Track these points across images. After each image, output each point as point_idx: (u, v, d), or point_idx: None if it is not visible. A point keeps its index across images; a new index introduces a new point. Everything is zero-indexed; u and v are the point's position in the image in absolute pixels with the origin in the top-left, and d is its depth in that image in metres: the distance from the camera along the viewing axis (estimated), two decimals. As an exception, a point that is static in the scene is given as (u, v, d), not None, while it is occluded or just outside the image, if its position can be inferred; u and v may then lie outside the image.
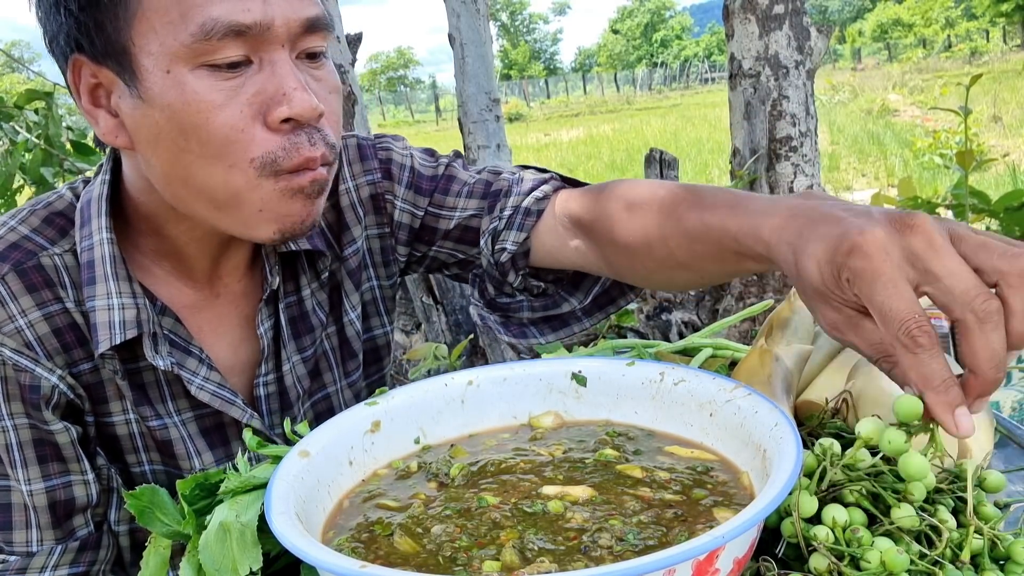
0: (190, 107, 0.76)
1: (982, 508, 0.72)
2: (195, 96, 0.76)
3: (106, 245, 0.87)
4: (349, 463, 0.79)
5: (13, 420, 0.85)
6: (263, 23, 0.76)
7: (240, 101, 0.77)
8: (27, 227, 0.89)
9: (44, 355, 0.86)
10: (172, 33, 0.75)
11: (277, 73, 0.77)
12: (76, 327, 0.88)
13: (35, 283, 0.86)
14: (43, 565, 0.88)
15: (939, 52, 35.28)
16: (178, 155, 0.79)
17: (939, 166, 8.02)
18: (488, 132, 5.05)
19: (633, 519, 0.66)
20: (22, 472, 0.86)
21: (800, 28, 4.15)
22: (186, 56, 0.75)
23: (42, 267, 0.87)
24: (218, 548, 0.69)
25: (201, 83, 0.76)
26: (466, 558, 0.63)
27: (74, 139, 3.34)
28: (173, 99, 0.76)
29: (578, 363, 0.89)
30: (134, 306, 0.87)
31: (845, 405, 0.86)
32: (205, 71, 0.76)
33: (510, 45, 78.50)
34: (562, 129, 20.05)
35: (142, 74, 0.77)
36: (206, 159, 0.78)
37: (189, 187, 0.81)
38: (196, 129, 0.77)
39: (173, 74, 0.76)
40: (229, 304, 0.98)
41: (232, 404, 0.95)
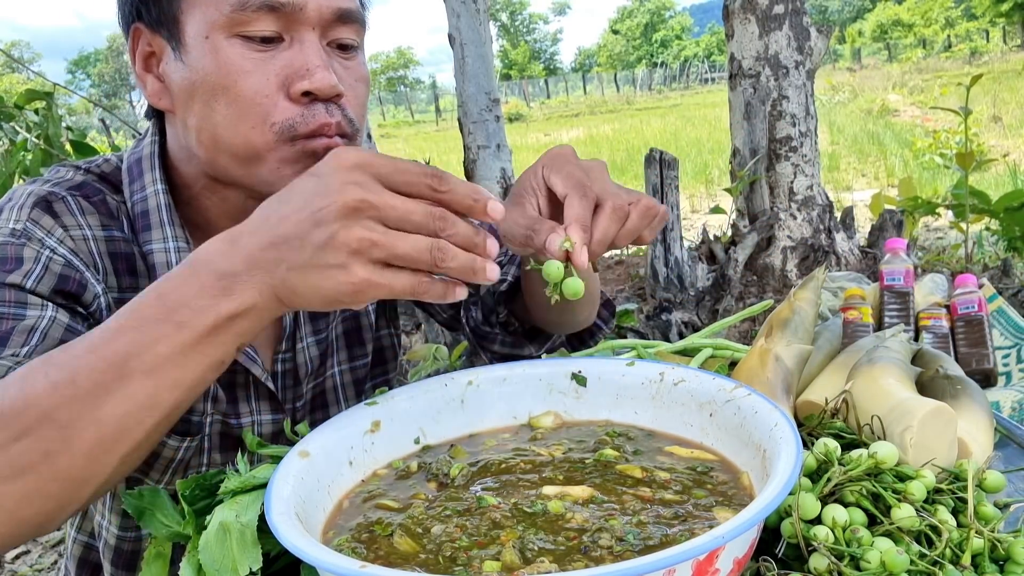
0: (221, 70, 0.84)
1: (982, 508, 0.72)
2: (227, 61, 0.84)
3: (161, 196, 0.93)
4: (349, 463, 0.79)
5: (56, 312, 0.83)
6: (296, 3, 0.84)
7: (267, 71, 0.85)
8: (87, 178, 0.95)
9: (101, 269, 0.90)
10: (214, 4, 0.84)
11: (304, 51, 0.85)
12: (131, 257, 0.93)
13: (101, 211, 0.92)
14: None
15: (939, 52, 35.30)
16: (208, 114, 0.86)
17: (939, 166, 8.02)
18: (488, 132, 5.05)
19: (633, 519, 0.66)
20: (27, 347, 0.82)
21: (800, 28, 4.15)
22: (224, 25, 0.83)
23: (106, 202, 0.93)
24: (218, 548, 0.69)
25: (234, 50, 0.84)
26: (466, 558, 0.63)
27: (74, 139, 3.34)
28: (208, 62, 0.85)
29: (578, 363, 0.89)
30: (188, 250, 0.93)
31: (845, 405, 0.86)
32: (239, 40, 0.84)
33: (510, 45, 78.52)
34: (562, 129, 20.05)
35: (186, 40, 0.86)
36: (231, 119, 0.86)
37: (217, 144, 0.88)
38: (225, 90, 0.85)
39: (211, 40, 0.84)
40: None
41: (254, 362, 0.99)
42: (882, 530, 0.69)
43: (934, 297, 1.23)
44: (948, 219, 5.05)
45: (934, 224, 5.96)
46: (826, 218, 4.22)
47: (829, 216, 4.24)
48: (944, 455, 0.79)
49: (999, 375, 1.15)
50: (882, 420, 0.81)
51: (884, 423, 0.80)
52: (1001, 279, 3.69)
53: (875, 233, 4.25)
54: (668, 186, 3.83)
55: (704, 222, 6.12)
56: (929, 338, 1.14)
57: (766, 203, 4.23)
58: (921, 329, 1.16)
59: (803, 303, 0.99)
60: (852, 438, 0.84)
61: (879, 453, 0.73)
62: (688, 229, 6.83)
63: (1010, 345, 1.22)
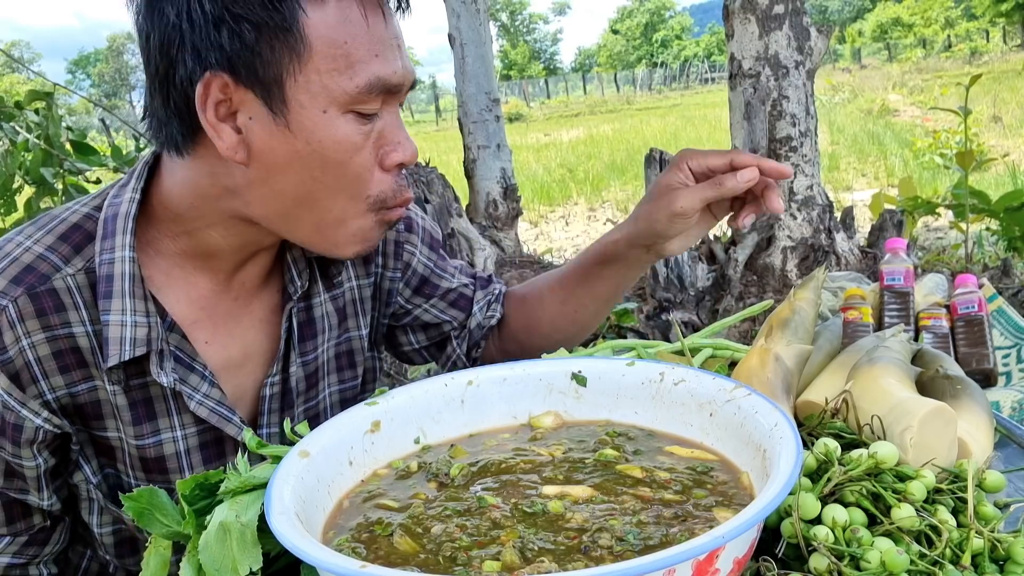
0: (339, 145, 0.86)
1: (982, 508, 0.72)
2: (345, 137, 0.86)
3: (127, 263, 0.91)
4: (349, 463, 0.79)
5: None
6: (402, 84, 0.89)
7: (369, 144, 0.89)
8: (41, 246, 0.92)
9: (41, 375, 0.89)
10: (336, 80, 0.84)
11: (392, 123, 0.90)
12: (78, 350, 0.91)
13: (45, 308, 0.89)
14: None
15: (939, 52, 35.29)
16: (308, 181, 0.88)
17: (939, 166, 8.02)
18: (488, 132, 5.05)
19: (633, 519, 0.66)
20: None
21: (800, 28, 4.15)
22: (344, 102, 0.85)
23: (55, 291, 0.90)
24: (218, 548, 0.69)
25: (349, 127, 0.86)
26: (466, 558, 0.63)
27: (74, 139, 3.34)
28: (324, 136, 0.85)
29: (578, 363, 0.89)
30: (146, 324, 0.91)
31: (845, 405, 0.86)
32: (352, 116, 0.86)
33: (510, 45, 78.48)
34: (562, 129, 20.05)
35: (293, 107, 0.84)
36: (334, 190, 0.89)
37: (304, 209, 0.90)
38: (338, 165, 0.87)
39: (329, 115, 0.85)
40: (244, 306, 1.02)
41: (228, 422, 0.98)
42: (882, 530, 0.69)
43: (934, 297, 1.23)
44: (948, 219, 5.06)
45: (934, 224, 5.97)
46: (826, 218, 4.22)
47: (829, 216, 4.24)
48: (944, 455, 0.79)
49: (999, 375, 1.15)
50: (882, 420, 0.81)
51: (884, 423, 0.80)
52: (1001, 279, 3.69)
53: (875, 233, 4.25)
54: (668, 186, 3.83)
55: (704, 222, 6.11)
56: (929, 338, 1.14)
57: (766, 203, 4.23)
58: (921, 329, 1.16)
59: (803, 303, 0.99)
60: (852, 438, 0.84)
61: (879, 453, 0.73)
62: (688, 229, 6.81)
63: (1010, 345, 1.22)
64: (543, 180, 10.98)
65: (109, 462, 0.97)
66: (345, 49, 0.83)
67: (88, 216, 0.94)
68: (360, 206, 0.90)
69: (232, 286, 1.00)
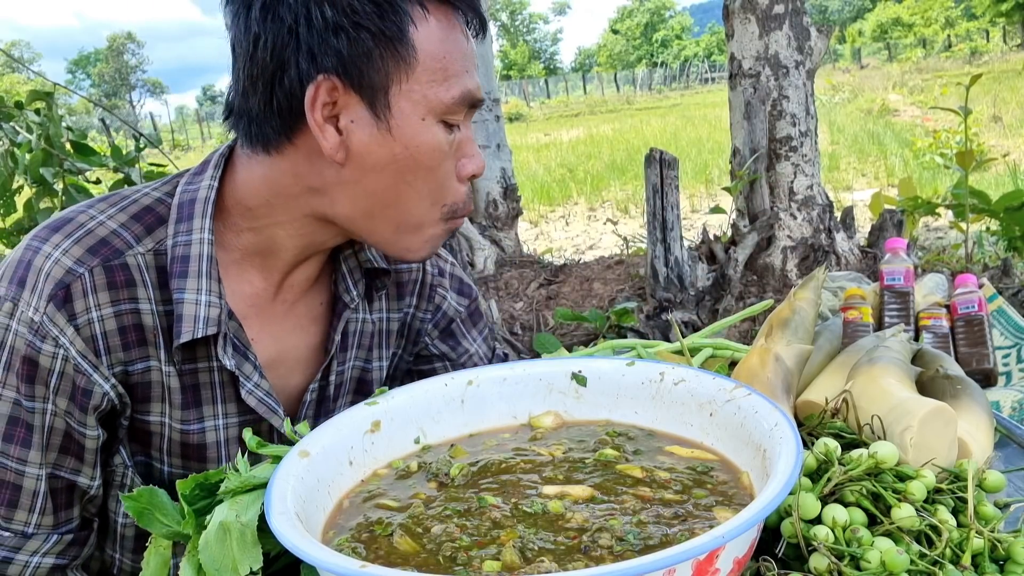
0: (434, 151, 0.92)
1: (982, 508, 0.72)
2: (438, 144, 0.92)
3: (205, 244, 0.95)
4: (349, 463, 0.79)
5: (55, 407, 0.92)
6: (482, 100, 0.95)
7: (451, 154, 0.94)
8: (115, 222, 0.95)
9: (105, 349, 0.92)
10: (435, 91, 0.90)
11: (468, 137, 0.96)
12: (141, 328, 0.94)
13: (117, 281, 0.93)
14: (36, 549, 0.94)
15: (939, 52, 35.28)
16: (399, 184, 0.93)
17: (939, 166, 8.02)
18: (488, 132, 5.05)
19: (633, 519, 0.66)
20: (42, 455, 0.92)
21: (800, 28, 4.15)
22: (439, 111, 0.91)
23: (127, 266, 0.94)
24: (218, 548, 0.69)
25: (441, 135, 0.92)
26: (466, 558, 0.63)
27: (74, 139, 3.34)
28: (421, 142, 0.91)
29: (578, 363, 0.89)
30: (219, 306, 0.94)
31: (845, 405, 0.86)
32: (443, 126, 0.92)
33: (510, 45, 78.46)
34: (562, 129, 20.05)
35: (395, 113, 0.90)
36: (422, 195, 0.94)
37: (390, 209, 0.94)
38: (428, 170, 0.93)
39: (427, 122, 0.91)
40: (289, 309, 1.04)
41: (274, 413, 1.00)
42: (882, 530, 0.69)
43: (934, 297, 1.23)
44: (948, 219, 5.05)
45: (934, 224, 5.97)
46: (826, 218, 4.22)
47: (829, 216, 4.24)
48: (944, 455, 0.79)
49: (999, 375, 1.15)
50: (882, 420, 0.81)
51: (884, 423, 0.80)
52: (1001, 279, 3.69)
53: (875, 233, 4.25)
54: (668, 186, 3.83)
55: (704, 222, 6.12)
56: (929, 338, 1.14)
57: (766, 203, 4.23)
58: (921, 329, 1.16)
59: (803, 303, 0.99)
60: (852, 438, 0.84)
61: (879, 453, 0.73)
62: (688, 229, 6.83)
63: (1010, 345, 1.22)
64: (543, 180, 10.98)
65: (142, 449, 0.99)
66: (444, 63, 0.90)
67: (160, 200, 0.98)
68: (437, 212, 0.96)
69: (282, 288, 1.03)
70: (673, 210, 3.86)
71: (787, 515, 0.70)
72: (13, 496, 0.93)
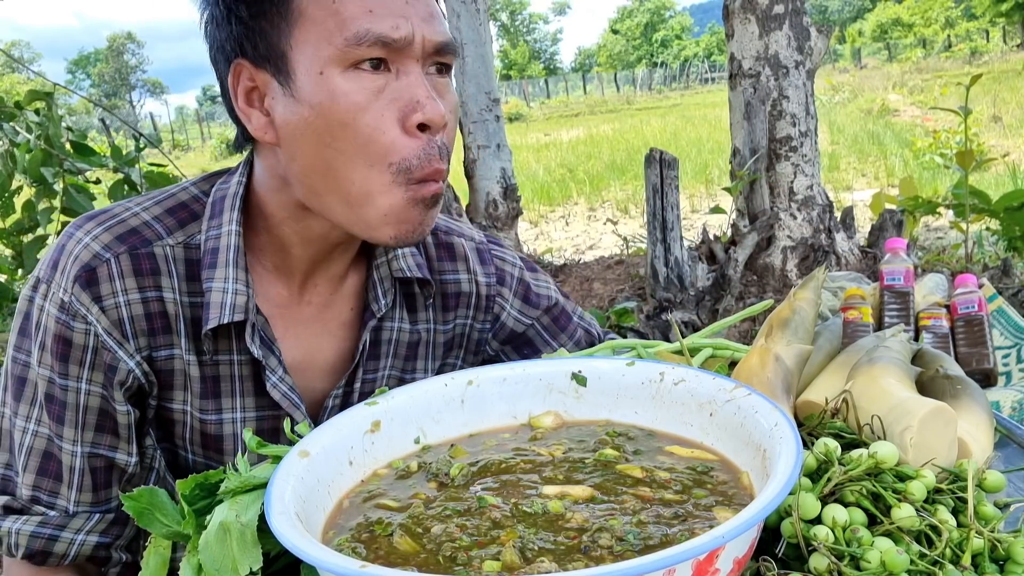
0: (338, 105, 0.85)
1: (982, 508, 0.72)
2: (344, 95, 0.85)
3: (234, 236, 0.96)
4: (349, 463, 0.79)
5: (89, 385, 0.94)
6: (407, 39, 0.85)
7: (381, 103, 0.86)
8: (149, 215, 0.98)
9: (131, 334, 0.94)
10: (327, 39, 0.84)
11: (411, 83, 0.87)
12: (165, 315, 0.96)
13: (142, 268, 0.94)
14: (80, 527, 0.97)
15: (939, 52, 35.28)
16: (322, 150, 0.87)
17: (939, 166, 8.02)
18: (488, 132, 5.05)
19: (633, 519, 0.66)
20: (79, 433, 0.95)
21: (800, 28, 4.15)
22: (337, 59, 0.84)
23: (153, 255, 0.95)
24: (218, 548, 0.69)
25: (349, 84, 0.85)
26: (466, 558, 0.63)
27: (74, 139, 3.34)
28: (323, 98, 0.85)
29: (578, 363, 0.89)
30: (246, 294, 0.95)
31: (845, 405, 0.86)
32: (352, 73, 0.85)
33: (510, 45, 78.44)
34: (562, 129, 20.05)
35: (296, 75, 0.86)
36: (349, 156, 0.87)
37: (328, 181, 0.89)
38: (343, 127, 0.86)
39: (325, 75, 0.85)
40: (315, 314, 1.04)
41: (297, 408, 1.00)
42: (882, 530, 0.69)
43: (934, 297, 1.23)
44: (948, 219, 5.05)
45: (934, 224, 5.97)
46: (826, 218, 4.22)
47: (829, 216, 4.24)
48: (944, 455, 0.79)
49: (999, 375, 1.15)
50: (882, 420, 0.81)
51: (884, 423, 0.80)
52: (1001, 279, 3.69)
53: (875, 233, 4.25)
54: (668, 186, 3.83)
55: (704, 222, 6.13)
56: (929, 338, 1.14)
57: (766, 203, 4.23)
58: (921, 329, 1.16)
59: (803, 303, 0.99)
60: (852, 438, 0.84)
61: (879, 453, 0.73)
62: (688, 229, 6.83)
63: (1010, 345, 1.22)
64: (543, 180, 10.98)
65: (165, 436, 1.01)
66: (333, 9, 0.84)
67: (196, 198, 1.00)
68: (383, 176, 0.87)
69: (305, 291, 1.03)
70: (673, 210, 3.86)
71: (787, 515, 0.70)
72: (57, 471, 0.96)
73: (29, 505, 0.96)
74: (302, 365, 1.03)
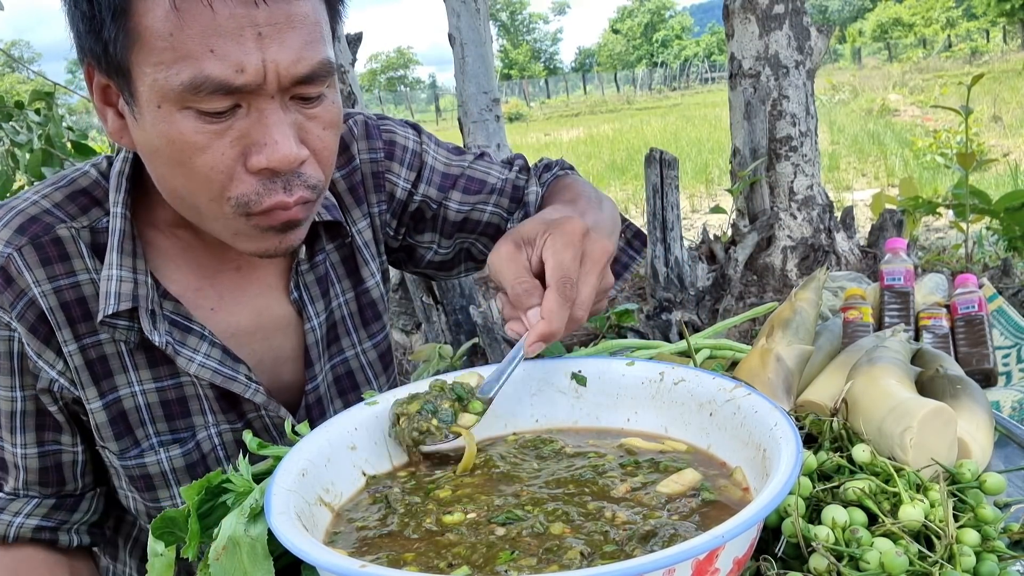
0: (175, 144, 0.80)
1: (982, 510, 0.72)
2: (180, 136, 0.79)
3: (118, 219, 0.93)
4: (350, 464, 0.79)
5: (23, 392, 0.95)
6: (255, 83, 0.77)
7: (223, 143, 0.80)
8: (49, 202, 0.95)
9: (56, 324, 0.92)
10: (164, 74, 0.76)
11: (263, 121, 0.80)
12: (83, 301, 0.93)
13: (49, 256, 0.92)
14: (18, 510, 0.99)
15: (939, 52, 35.26)
16: (167, 176, 0.84)
17: (939, 166, 8.01)
18: (488, 132, 5.05)
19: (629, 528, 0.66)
20: (20, 437, 0.96)
21: (800, 28, 4.15)
22: (175, 99, 0.77)
23: (58, 240, 0.93)
24: (229, 562, 0.69)
25: (187, 124, 0.78)
26: (468, 557, 0.63)
27: (74, 139, 3.34)
28: (162, 132, 0.80)
29: (578, 363, 0.89)
30: (132, 280, 0.92)
31: (845, 405, 0.87)
32: (192, 113, 0.78)
33: (510, 45, 78.43)
34: (562, 129, 20.04)
35: (139, 98, 0.80)
36: (188, 188, 0.83)
37: (177, 200, 0.88)
38: (180, 164, 0.81)
39: (163, 110, 0.79)
40: (248, 274, 1.02)
41: (233, 380, 0.98)
42: (882, 530, 0.69)
43: (934, 297, 1.23)
44: (948, 219, 5.05)
45: (934, 224, 5.96)
46: (826, 218, 4.22)
47: (829, 216, 4.24)
48: (944, 455, 0.79)
49: (999, 375, 1.15)
50: (882, 420, 0.81)
51: (884, 423, 0.81)
52: (1001, 279, 3.69)
53: (875, 233, 4.25)
54: (668, 186, 3.83)
55: (704, 222, 6.12)
56: (929, 338, 1.14)
57: (766, 203, 4.23)
58: (921, 329, 1.16)
59: (804, 303, 0.99)
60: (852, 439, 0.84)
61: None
62: (688, 229, 6.83)
63: (1010, 345, 1.22)
64: (543, 180, 10.95)
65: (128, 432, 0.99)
66: (171, 41, 0.74)
67: (97, 182, 0.97)
68: (222, 208, 0.83)
69: (229, 257, 1.00)
70: (673, 210, 3.86)
71: (787, 515, 0.70)
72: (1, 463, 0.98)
73: None
74: (249, 328, 1.02)
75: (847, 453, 0.78)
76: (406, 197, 1.13)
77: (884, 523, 0.69)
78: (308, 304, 1.04)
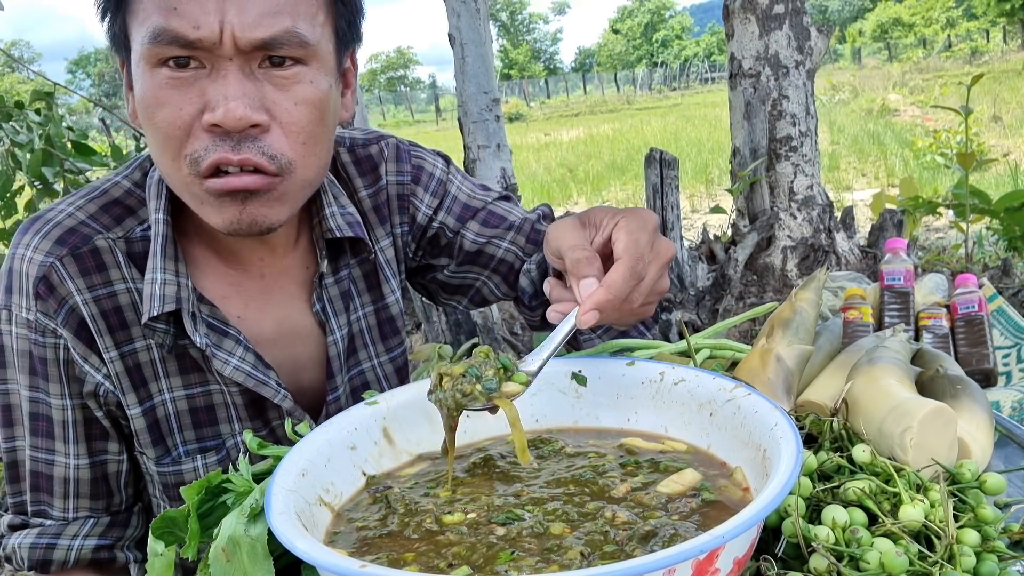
0: (145, 100, 0.86)
1: (982, 510, 0.72)
2: (148, 92, 0.85)
3: (160, 225, 0.95)
4: (350, 463, 0.79)
5: (71, 400, 0.97)
6: (210, 40, 0.82)
7: (182, 99, 0.84)
8: (84, 213, 0.97)
9: (97, 332, 0.95)
10: (139, 31, 0.85)
11: (219, 81, 0.84)
12: (120, 310, 0.96)
13: (88, 267, 0.95)
14: (76, 533, 0.99)
15: (939, 52, 35.26)
16: (151, 144, 0.90)
17: (939, 166, 8.01)
18: (488, 132, 5.05)
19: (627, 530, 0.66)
20: (73, 447, 0.98)
21: (800, 28, 4.15)
22: (147, 56, 0.84)
23: (96, 250, 0.96)
24: (228, 562, 0.69)
25: (154, 80, 0.85)
26: (468, 557, 0.63)
27: (75, 139, 3.34)
28: (138, 91, 0.87)
29: (578, 363, 0.89)
30: (175, 283, 0.94)
31: (845, 405, 0.87)
32: (160, 70, 0.84)
33: (510, 45, 78.42)
34: (562, 129, 20.04)
35: (133, 63, 0.88)
36: (156, 148, 0.89)
37: (165, 176, 0.92)
38: (148, 121, 0.87)
39: (140, 69, 0.86)
40: (272, 283, 1.04)
41: (264, 384, 1.00)
42: (882, 530, 0.69)
43: (934, 297, 1.23)
44: (948, 219, 5.05)
45: (934, 224, 5.96)
46: (826, 218, 4.22)
47: (829, 216, 4.24)
48: (944, 455, 0.79)
49: (999, 375, 1.15)
50: (882, 420, 0.81)
51: (884, 423, 0.81)
52: (1001, 279, 3.69)
53: (875, 233, 4.25)
54: (668, 186, 3.83)
55: (704, 222, 6.12)
56: (929, 338, 1.14)
57: (766, 203, 4.23)
58: (921, 329, 1.16)
59: (804, 303, 0.99)
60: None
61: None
62: (688, 229, 6.83)
63: (1010, 345, 1.22)
64: (543, 180, 10.97)
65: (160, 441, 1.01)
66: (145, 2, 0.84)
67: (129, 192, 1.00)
68: (182, 167, 0.86)
69: (254, 265, 1.02)
70: (673, 210, 3.86)
71: (787, 515, 0.70)
72: (47, 485, 0.99)
73: (29, 519, 1.00)
74: (271, 336, 1.03)
75: (847, 453, 0.78)
76: (426, 222, 1.16)
77: (884, 523, 0.69)
78: (332, 317, 1.06)
